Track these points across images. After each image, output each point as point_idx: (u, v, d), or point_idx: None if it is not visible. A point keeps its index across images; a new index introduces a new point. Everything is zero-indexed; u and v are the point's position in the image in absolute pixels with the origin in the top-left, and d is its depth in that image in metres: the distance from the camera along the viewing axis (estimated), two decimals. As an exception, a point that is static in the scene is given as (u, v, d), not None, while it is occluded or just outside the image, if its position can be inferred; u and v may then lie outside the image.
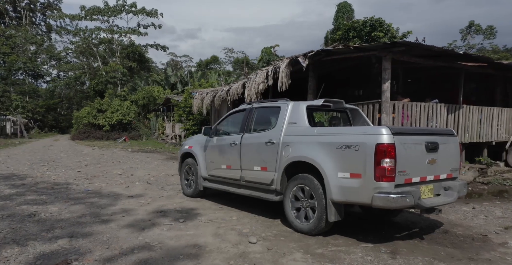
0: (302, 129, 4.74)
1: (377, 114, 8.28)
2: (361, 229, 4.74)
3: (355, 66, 11.92)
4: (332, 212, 4.11)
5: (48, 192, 6.70)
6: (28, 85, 47.18)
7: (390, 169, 3.70)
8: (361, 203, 3.98)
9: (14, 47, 46.89)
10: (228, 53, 52.32)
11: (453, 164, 4.53)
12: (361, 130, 4.22)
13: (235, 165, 5.57)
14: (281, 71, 10.18)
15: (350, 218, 5.13)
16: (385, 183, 3.72)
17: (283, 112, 5.00)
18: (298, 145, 4.61)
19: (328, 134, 4.44)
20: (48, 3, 56.13)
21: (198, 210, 5.60)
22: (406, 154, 3.87)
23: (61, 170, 10.03)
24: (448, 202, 4.32)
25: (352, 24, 23.16)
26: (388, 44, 7.76)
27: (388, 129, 3.78)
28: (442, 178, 4.38)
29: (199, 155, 6.44)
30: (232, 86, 14.07)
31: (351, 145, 3.95)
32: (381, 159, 3.69)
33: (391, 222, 5.20)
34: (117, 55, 42.24)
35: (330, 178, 4.09)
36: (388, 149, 3.69)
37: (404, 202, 3.71)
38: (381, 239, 4.34)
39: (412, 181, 3.99)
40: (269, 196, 4.98)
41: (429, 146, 4.11)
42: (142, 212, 5.37)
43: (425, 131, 4.77)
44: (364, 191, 3.82)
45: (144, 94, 33.67)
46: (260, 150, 5.12)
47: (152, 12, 41.11)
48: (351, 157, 3.95)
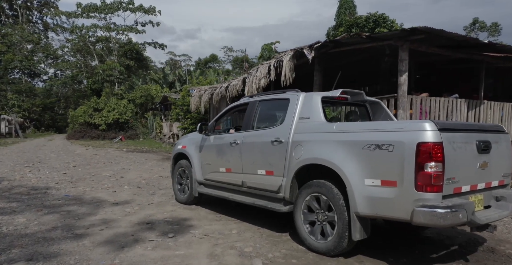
0: (316, 125, 3.90)
1: (393, 111, 7.46)
2: (389, 247, 3.92)
3: (362, 60, 11.12)
4: (357, 229, 3.28)
5: (21, 199, 5.87)
6: (25, 84, 46.36)
7: (436, 176, 2.87)
8: (397, 218, 3.12)
9: (10, 46, 46.05)
10: (227, 52, 51.51)
11: (506, 168, 3.68)
12: (397, 126, 3.33)
13: (236, 168, 4.75)
14: (284, 64, 9.35)
15: (372, 232, 4.27)
16: (430, 194, 2.89)
17: (293, 106, 4.19)
18: (313, 144, 3.79)
19: (352, 130, 3.56)
20: (45, 1, 55.28)
21: (192, 221, 4.77)
22: (456, 155, 3.04)
23: (45, 171, 9.20)
24: (504, 216, 3.44)
25: (355, 20, 22.35)
26: (406, 32, 6.92)
27: (433, 124, 2.95)
28: (493, 186, 3.53)
29: (193, 156, 5.61)
30: (232, 82, 13.25)
31: (383, 144, 3.13)
32: (424, 162, 2.88)
33: (421, 237, 4.36)
34: (115, 53, 41.41)
35: (354, 186, 3.27)
36: (434, 149, 2.88)
37: (456, 218, 2.86)
38: (416, 261, 3.52)
39: (462, 190, 3.15)
40: (276, 205, 4.16)
41: (481, 145, 3.28)
42: (125, 224, 4.54)
43: (475, 127, 3.78)
44: (401, 203, 3.00)
45: (142, 93, 32.88)
46: (265, 150, 4.31)
47: (149, 10, 40.26)
48: (382, 160, 3.13)
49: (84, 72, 47.22)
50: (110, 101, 31.65)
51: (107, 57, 41.66)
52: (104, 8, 39.57)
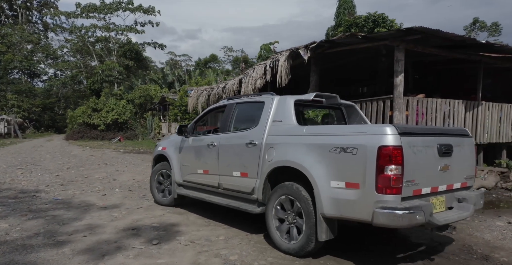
0: (288, 128, 3.97)
1: (388, 112, 7.33)
2: (360, 248, 3.97)
3: (359, 61, 10.99)
4: (323, 229, 3.36)
5: (7, 202, 5.76)
6: (24, 84, 46.30)
7: (396, 178, 2.95)
8: (359, 219, 3.18)
9: (10, 46, 46.03)
10: (227, 52, 51.38)
11: (469, 171, 3.77)
12: (360, 130, 3.37)
13: (213, 170, 4.77)
14: (280, 64, 9.22)
15: (344, 231, 4.17)
16: (390, 196, 2.96)
17: (267, 109, 4.23)
18: (284, 146, 3.84)
19: (320, 133, 3.66)
20: (44, 1, 55.24)
21: (180, 226, 4.65)
22: (416, 159, 3.12)
23: (37, 174, 9.09)
24: (463, 217, 3.54)
25: (354, 20, 22.20)
26: (401, 32, 6.80)
27: (393, 128, 3.03)
28: (455, 188, 3.62)
29: (173, 158, 5.59)
30: (228, 82, 13.12)
31: (348, 148, 3.19)
32: (384, 165, 2.95)
33: (397, 236, 4.30)
34: (114, 53, 41.33)
35: (321, 188, 3.34)
36: (393, 152, 2.95)
37: (413, 219, 2.95)
38: (383, 260, 3.57)
39: (422, 192, 3.22)
40: (250, 206, 4.20)
41: (442, 149, 3.35)
42: (110, 230, 4.42)
43: (437, 131, 3.87)
44: (363, 204, 3.07)
45: (141, 93, 32.75)
46: (240, 153, 4.34)
47: (149, 10, 40.22)
48: (347, 163, 3.19)
49: (83, 73, 47.15)
50: (109, 102, 31.55)
51: (107, 58, 41.58)
52: (104, 8, 39.50)
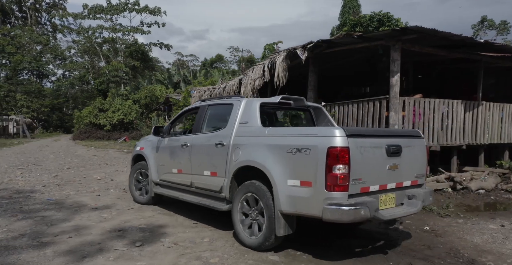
0: (253, 130, 4.19)
1: (385, 113, 7.25)
2: (321, 242, 4.21)
3: (360, 61, 10.89)
4: (281, 225, 3.58)
5: (0, 203, 5.82)
6: (34, 85, 46.89)
7: (343, 177, 3.18)
8: (311, 215, 3.37)
9: (19, 47, 46.68)
10: (234, 52, 51.43)
11: (419, 170, 4.02)
12: (313, 132, 3.66)
13: (186, 169, 4.99)
14: (277, 65, 9.18)
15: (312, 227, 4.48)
16: (337, 193, 3.20)
17: (235, 111, 4.46)
18: (248, 147, 4.06)
19: (279, 135, 3.92)
20: (53, 3, 55.94)
21: (167, 228, 4.64)
22: (363, 159, 3.37)
23: (36, 174, 9.19)
24: (411, 212, 3.82)
25: (359, 19, 22.03)
26: (397, 31, 6.71)
27: (342, 131, 3.26)
28: (405, 186, 3.88)
29: (150, 158, 5.80)
30: (229, 83, 13.12)
31: (302, 148, 3.42)
32: (333, 165, 3.18)
33: (362, 232, 4.58)
34: (121, 54, 41.65)
35: (279, 186, 3.56)
36: (341, 153, 3.18)
37: (358, 214, 3.19)
38: (341, 253, 3.81)
39: (370, 189, 3.48)
40: (218, 204, 4.44)
41: (390, 149, 3.59)
42: (96, 231, 4.43)
43: (386, 132, 4.26)
44: (315, 201, 3.28)
45: (146, 94, 32.92)
46: (211, 153, 4.55)
47: (155, 10, 40.39)
48: (302, 162, 3.41)
49: (91, 73, 47.63)
50: (115, 102, 31.82)
51: (114, 58, 41.93)
52: (110, 9, 39.81)
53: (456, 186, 7.50)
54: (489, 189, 7.61)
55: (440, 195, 7.10)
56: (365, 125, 7.65)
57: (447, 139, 8.08)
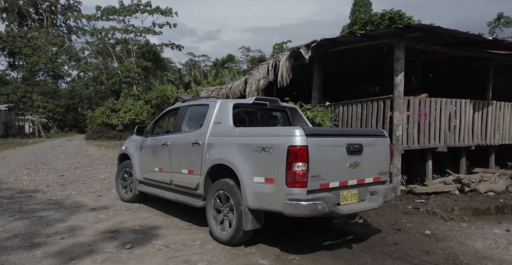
0: (225, 129, 4.39)
1: (389, 113, 7.06)
2: (293, 237, 4.39)
3: (367, 59, 10.68)
4: (249, 220, 3.76)
5: (1, 203, 5.90)
6: (49, 85, 47.85)
7: (301, 174, 3.37)
8: (274, 210, 3.58)
9: (35, 49, 47.68)
10: (245, 52, 51.44)
11: (382, 167, 4.20)
12: (276, 132, 3.87)
13: (166, 168, 5.16)
14: (281, 64, 9.08)
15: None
16: (297, 189, 3.39)
17: (211, 111, 4.64)
18: (220, 146, 4.26)
19: (247, 134, 4.10)
20: (68, 5, 57.00)
21: (160, 230, 4.61)
22: (322, 157, 3.55)
23: (43, 173, 9.32)
24: (371, 207, 3.99)
25: (370, 17, 21.69)
26: (400, 29, 6.52)
27: (301, 130, 3.45)
28: (368, 182, 4.06)
29: (134, 157, 5.99)
30: (235, 83, 13.08)
31: (266, 147, 3.63)
32: (292, 162, 3.36)
33: (335, 227, 4.87)
34: (133, 55, 42.13)
35: (246, 183, 3.75)
36: (299, 151, 3.36)
37: (316, 209, 3.39)
38: (307, 247, 4.01)
39: (330, 186, 3.66)
40: (194, 201, 4.61)
41: (350, 148, 3.79)
42: (90, 232, 4.43)
43: (348, 132, 4.55)
44: (277, 197, 3.48)
45: (157, 94, 33.20)
46: (188, 152, 4.74)
47: (166, 11, 40.69)
48: (266, 160, 3.62)
49: (104, 74, 48.34)
50: (127, 102, 32.19)
51: (126, 59, 42.45)
52: (123, 10, 40.30)
53: (464, 188, 7.27)
54: (499, 191, 7.34)
55: (447, 198, 6.89)
56: (369, 125, 7.48)
57: (455, 139, 7.83)
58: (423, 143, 7.38)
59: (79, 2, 57.57)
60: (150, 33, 40.87)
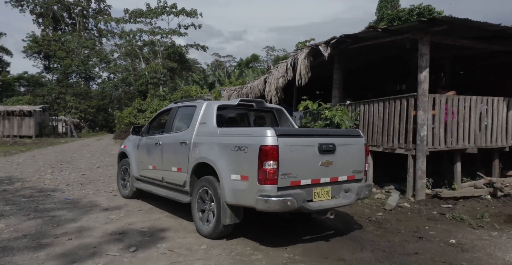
0: (209, 130, 4.62)
1: (412, 112, 6.66)
2: (276, 232, 4.63)
3: (392, 56, 10.22)
4: (227, 215, 3.99)
5: (19, 201, 6.03)
6: (81, 87, 49.68)
7: (272, 172, 3.58)
8: (249, 206, 3.80)
9: (68, 52, 49.63)
10: (269, 51, 51.23)
11: (356, 166, 4.35)
12: (250, 132, 4.06)
13: (159, 166, 5.43)
14: (299, 62, 8.83)
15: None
16: (268, 186, 3.60)
17: (197, 112, 4.88)
18: (204, 145, 4.48)
19: (227, 134, 4.31)
20: (99, 9, 58.96)
21: (168, 232, 4.51)
22: (293, 156, 3.74)
23: (65, 172, 9.54)
24: (342, 204, 4.17)
25: (397, 13, 20.88)
26: (424, 23, 6.11)
27: (273, 131, 3.65)
28: (342, 180, 4.23)
29: (131, 155, 6.30)
30: (254, 82, 12.93)
31: (242, 147, 3.84)
32: (264, 161, 3.57)
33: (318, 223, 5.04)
34: (159, 56, 42.96)
35: (224, 180, 3.97)
36: (270, 151, 3.57)
37: (285, 205, 3.58)
38: (286, 240, 4.21)
39: (301, 183, 3.85)
40: (182, 197, 4.84)
41: (322, 147, 3.95)
42: (97, 233, 4.40)
43: (319, 132, 4.70)
44: (250, 193, 3.70)
45: (182, 94, 33.62)
46: (177, 150, 4.98)
47: (191, 12, 41.16)
48: (241, 159, 3.83)
49: (132, 75, 49.62)
50: (153, 103, 32.80)
51: (153, 60, 43.34)
52: (149, 13, 41.20)
53: (497, 193, 6.73)
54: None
55: (477, 203, 6.38)
56: (391, 125, 7.10)
57: (487, 140, 7.29)
58: (451, 143, 6.91)
59: (109, 6, 59.47)
60: (176, 34, 41.52)
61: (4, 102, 39.54)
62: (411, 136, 6.67)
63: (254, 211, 3.82)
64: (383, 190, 7.50)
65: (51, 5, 53.06)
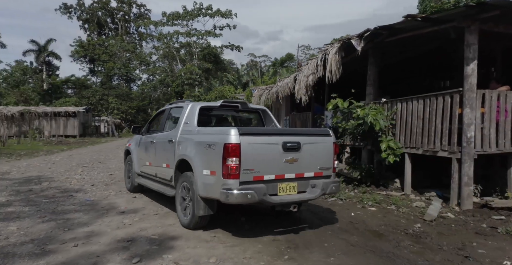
0: (190, 129, 4.95)
1: (458, 110, 5.89)
2: (252, 225, 4.87)
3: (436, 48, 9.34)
4: (201, 207, 4.32)
5: (40, 202, 6.00)
6: (122, 89, 51.65)
7: (234, 167, 3.85)
8: (215, 198, 4.10)
9: (111, 55, 51.82)
10: (305, 50, 50.29)
11: (324, 163, 4.51)
12: (218, 131, 4.32)
13: (153, 162, 5.86)
14: (330, 58, 8.27)
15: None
16: (231, 180, 3.88)
17: (183, 113, 5.23)
18: (185, 143, 4.80)
19: (202, 133, 4.65)
20: (140, 13, 61.05)
21: (178, 241, 4.19)
22: (256, 153, 3.99)
23: (95, 172, 9.62)
24: (306, 198, 4.38)
25: (441, 5, 19.43)
26: (473, 8, 5.35)
27: (236, 130, 3.92)
28: (308, 176, 4.40)
29: (134, 153, 6.82)
30: (284, 81, 12.46)
31: (211, 144, 4.13)
32: (227, 157, 3.85)
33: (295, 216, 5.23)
34: (195, 57, 43.62)
35: (198, 175, 4.32)
36: (233, 148, 3.83)
37: (245, 198, 3.86)
38: (256, 231, 4.49)
39: (265, 178, 4.07)
40: (168, 191, 5.22)
41: (286, 145, 4.15)
42: (105, 240, 4.16)
43: (285, 131, 5.03)
44: (216, 187, 3.99)
45: (216, 94, 33.87)
46: (166, 148, 5.32)
47: (226, 13, 41.40)
48: (211, 156, 4.10)
49: (170, 76, 50.83)
50: (188, 103, 33.32)
51: (189, 62, 44.09)
52: (186, 15, 41.96)
53: (561, 204, 5.79)
54: None
55: (538, 215, 5.52)
56: (432, 125, 6.36)
57: (548, 142, 6.32)
58: (503, 146, 6.06)
59: (149, 10, 61.42)
60: (211, 35, 41.93)
61: (53, 104, 41.91)
62: (455, 137, 5.92)
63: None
64: (422, 197, 6.77)
65: (96, 11, 55.68)
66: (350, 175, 8.41)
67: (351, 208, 6.00)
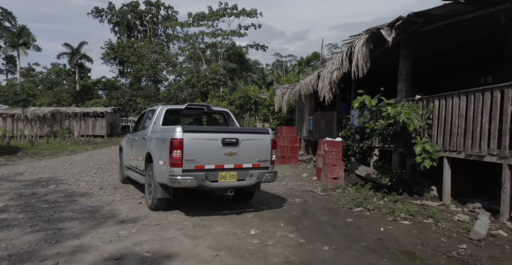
0: (157, 128, 5.84)
1: (509, 107, 4.95)
2: (210, 208, 5.66)
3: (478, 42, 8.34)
4: (158, 191, 5.21)
5: (39, 208, 5.60)
6: (150, 89, 52.45)
7: (178, 158, 4.79)
8: (166, 183, 4.96)
9: (140, 57, 52.78)
10: (332, 49, 48.94)
11: (261, 156, 5.37)
12: (168, 129, 5.19)
13: (135, 156, 6.74)
14: (356, 51, 7.47)
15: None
16: (176, 168, 4.83)
17: (154, 114, 6.19)
18: (151, 139, 5.67)
19: (160, 131, 5.57)
20: (167, 15, 61.91)
21: (174, 261, 3.58)
22: (197, 147, 4.89)
23: (107, 174, 9.25)
24: (243, 185, 5.28)
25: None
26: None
27: (180, 128, 4.84)
28: (246, 167, 5.27)
29: (124, 148, 7.79)
30: (307, 78, 11.69)
31: (163, 139, 5.08)
32: (172, 150, 4.80)
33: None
34: (220, 57, 43.43)
35: (155, 165, 5.27)
36: (176, 142, 4.78)
37: (186, 182, 4.80)
38: (207, 214, 5.28)
39: (205, 167, 4.98)
40: (141, 179, 6.14)
41: (225, 141, 5.05)
42: (91, 257, 3.62)
43: (225, 129, 5.63)
44: (166, 174, 4.91)
45: (240, 94, 33.35)
46: (141, 144, 6.20)
47: (251, 12, 40.89)
48: (163, 149, 5.01)
49: (195, 77, 50.99)
50: (212, 103, 33.02)
51: (214, 62, 43.95)
52: (211, 15, 41.83)
53: None
54: None
55: None
56: (477, 125, 5.45)
57: None
58: None
59: (176, 12, 62.14)
60: (236, 35, 41.56)
61: (84, 104, 43.07)
62: (507, 139, 4.99)
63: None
64: (465, 208, 5.84)
65: (126, 14, 56.94)
66: (379, 181, 7.55)
67: (380, 220, 5.20)
